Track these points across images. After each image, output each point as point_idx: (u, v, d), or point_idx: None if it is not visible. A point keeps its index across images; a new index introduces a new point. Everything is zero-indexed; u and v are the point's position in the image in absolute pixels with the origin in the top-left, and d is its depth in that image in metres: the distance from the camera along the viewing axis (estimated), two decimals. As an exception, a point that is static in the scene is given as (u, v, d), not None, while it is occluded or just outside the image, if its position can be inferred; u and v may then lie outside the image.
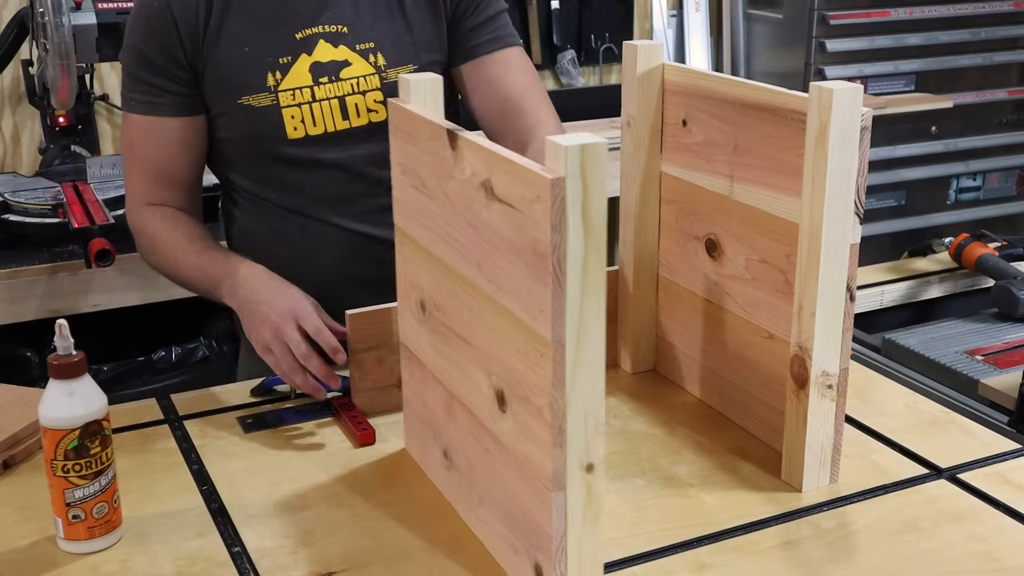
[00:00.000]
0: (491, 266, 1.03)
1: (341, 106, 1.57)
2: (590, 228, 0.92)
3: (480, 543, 1.15)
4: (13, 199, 2.40)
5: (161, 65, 1.55)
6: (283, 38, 1.55)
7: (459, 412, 1.16)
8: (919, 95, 3.46)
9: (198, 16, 1.53)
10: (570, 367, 0.93)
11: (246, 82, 1.55)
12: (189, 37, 1.53)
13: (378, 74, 1.58)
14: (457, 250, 1.10)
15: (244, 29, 1.54)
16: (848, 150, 1.13)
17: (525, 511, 1.03)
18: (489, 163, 1.00)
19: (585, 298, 0.93)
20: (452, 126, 1.08)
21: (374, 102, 1.58)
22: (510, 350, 1.01)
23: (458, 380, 1.15)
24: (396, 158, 1.24)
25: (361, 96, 1.57)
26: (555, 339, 0.93)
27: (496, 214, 1.00)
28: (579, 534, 0.99)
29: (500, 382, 1.04)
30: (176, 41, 1.53)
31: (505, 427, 1.05)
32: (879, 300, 2.05)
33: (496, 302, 1.03)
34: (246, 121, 1.56)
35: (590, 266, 0.92)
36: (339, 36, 1.57)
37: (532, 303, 0.95)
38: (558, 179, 0.89)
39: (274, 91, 1.55)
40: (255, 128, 1.56)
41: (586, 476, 0.98)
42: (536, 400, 0.97)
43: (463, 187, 1.06)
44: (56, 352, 1.11)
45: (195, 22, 1.53)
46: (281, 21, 1.55)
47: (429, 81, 1.20)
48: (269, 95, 1.55)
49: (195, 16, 1.53)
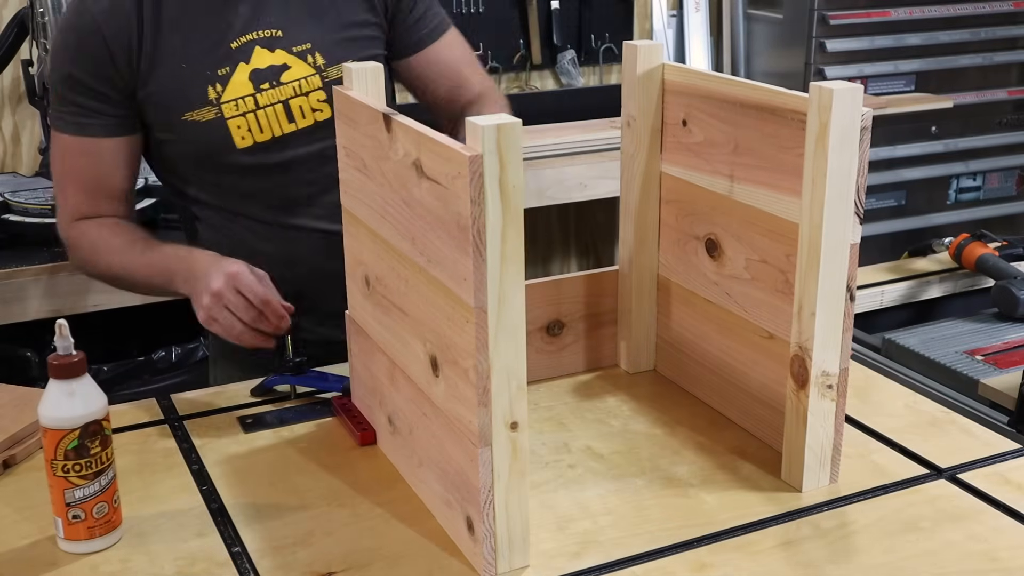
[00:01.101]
0: (423, 240, 1.10)
1: (286, 110, 1.57)
2: (507, 201, 0.99)
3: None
4: (13, 199, 2.40)
5: (93, 88, 1.52)
6: (219, 49, 1.54)
7: (400, 379, 1.24)
8: (919, 95, 3.46)
9: (131, 38, 1.50)
10: (492, 331, 1.01)
11: (188, 98, 1.53)
12: (124, 60, 1.51)
13: (318, 73, 1.58)
14: (394, 226, 1.18)
15: (178, 45, 1.52)
16: (848, 150, 1.13)
17: (458, 468, 1.10)
18: (418, 143, 1.08)
19: (504, 266, 1.00)
20: (388, 110, 1.16)
21: (317, 101, 1.58)
22: (441, 318, 1.09)
23: (398, 349, 1.23)
24: (341, 142, 1.31)
25: (304, 97, 1.58)
26: (477, 305, 1.00)
27: (425, 191, 1.08)
28: (505, 487, 1.07)
29: (433, 348, 1.12)
30: (109, 64, 1.50)
31: (439, 390, 1.12)
32: (879, 300, 2.05)
33: (428, 273, 1.10)
34: (193, 137, 1.55)
35: (508, 237, 1.00)
36: (274, 40, 1.57)
37: (457, 272, 1.03)
38: (476, 156, 0.96)
39: (216, 104, 1.54)
40: (203, 142, 1.56)
41: (511, 433, 1.05)
42: (463, 363, 1.05)
43: (397, 167, 1.14)
44: (56, 352, 1.11)
45: (128, 44, 1.50)
46: (215, 32, 1.54)
47: (371, 69, 1.28)
48: (212, 108, 1.54)
49: (127, 38, 1.50)
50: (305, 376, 1.47)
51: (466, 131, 0.98)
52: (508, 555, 1.09)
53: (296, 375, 1.47)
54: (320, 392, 1.48)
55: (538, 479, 1.27)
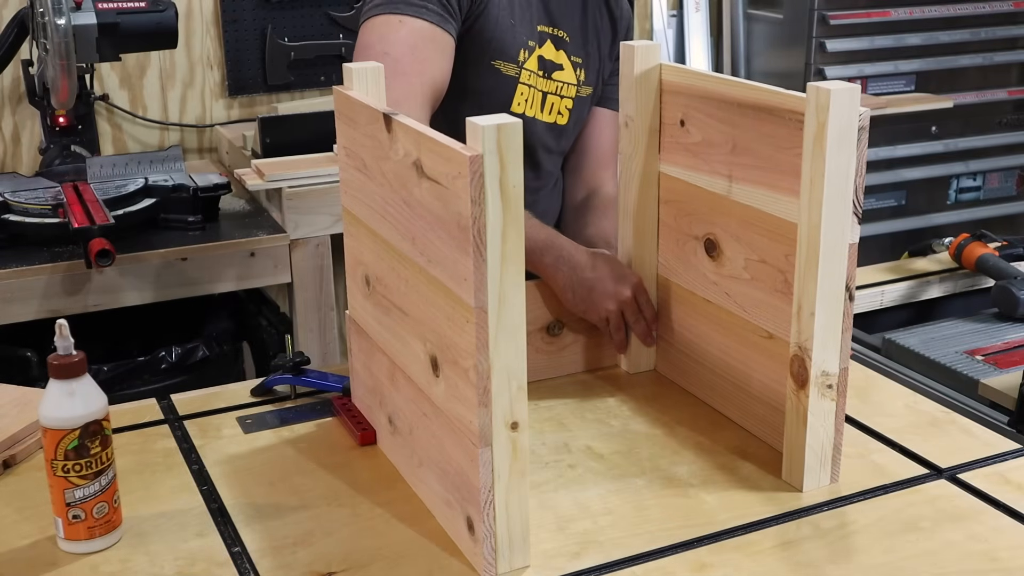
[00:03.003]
0: (423, 240, 1.11)
1: (543, 99, 1.70)
2: (508, 201, 0.99)
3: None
4: (13, 199, 2.39)
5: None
6: (533, 25, 1.68)
7: (400, 379, 1.24)
8: (919, 95, 3.46)
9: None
10: (492, 331, 1.01)
11: (504, 49, 1.64)
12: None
13: (576, 86, 1.74)
14: (394, 226, 1.18)
15: (505, 4, 1.63)
16: (846, 150, 1.13)
17: (458, 468, 1.11)
18: (419, 144, 1.08)
19: (505, 266, 1.00)
20: (388, 110, 1.15)
21: (564, 108, 1.73)
22: (441, 318, 1.09)
23: (398, 349, 1.23)
24: (341, 142, 1.31)
25: (558, 99, 1.72)
26: (478, 305, 1.00)
27: (426, 191, 1.08)
28: (506, 487, 1.07)
29: (433, 348, 1.12)
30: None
31: (439, 390, 1.13)
32: (879, 300, 2.05)
33: (428, 273, 1.11)
34: (491, 84, 1.63)
35: (508, 236, 1.00)
36: (561, 41, 1.72)
37: (457, 272, 1.03)
38: (476, 156, 0.97)
39: (519, 65, 1.66)
40: (492, 90, 1.64)
41: (511, 433, 1.05)
42: (463, 363, 1.05)
43: (398, 167, 1.14)
44: (56, 352, 1.11)
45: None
46: (530, 11, 1.68)
47: (371, 70, 1.28)
48: (516, 67, 1.66)
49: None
50: (305, 376, 1.47)
51: (466, 131, 0.99)
52: (508, 555, 1.09)
53: (296, 375, 1.47)
54: (320, 392, 1.48)
55: (538, 479, 1.27)
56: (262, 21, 2.94)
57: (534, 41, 1.67)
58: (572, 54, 1.72)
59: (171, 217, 2.44)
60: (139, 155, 2.66)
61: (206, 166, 2.88)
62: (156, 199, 2.44)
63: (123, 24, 2.39)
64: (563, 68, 1.71)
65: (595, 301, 1.48)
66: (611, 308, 1.48)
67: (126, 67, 2.86)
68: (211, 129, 2.98)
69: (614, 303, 1.48)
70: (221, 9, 2.92)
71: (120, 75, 2.87)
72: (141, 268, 2.29)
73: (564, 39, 1.71)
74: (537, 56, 1.68)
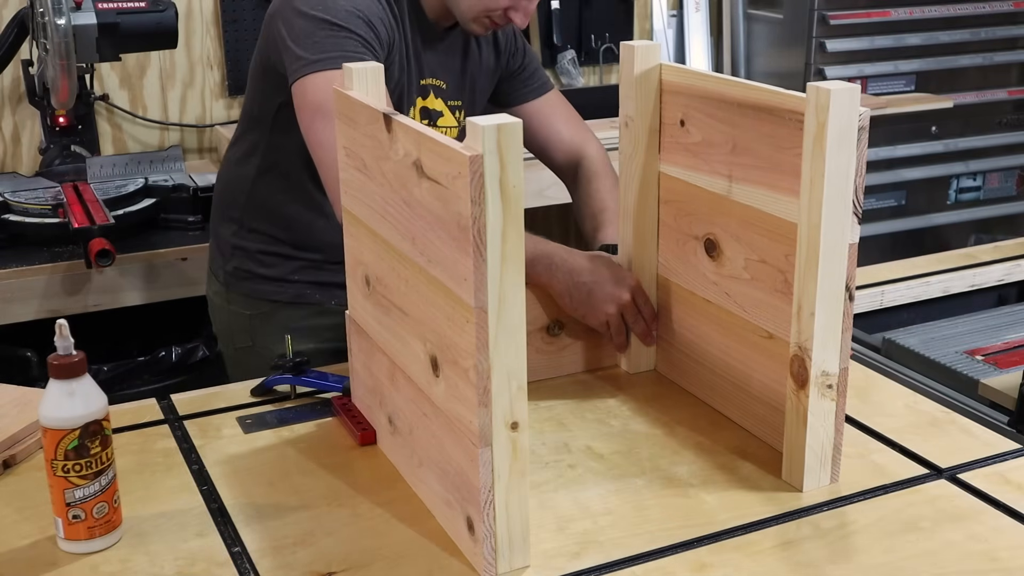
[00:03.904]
0: (423, 240, 1.11)
1: None
2: (508, 201, 0.99)
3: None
4: (13, 199, 2.40)
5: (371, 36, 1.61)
6: (418, 79, 1.76)
7: (400, 380, 1.24)
8: (919, 95, 3.46)
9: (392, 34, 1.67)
10: (492, 331, 1.01)
11: (401, 106, 1.71)
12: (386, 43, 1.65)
13: (458, 127, 1.81)
14: (394, 226, 1.18)
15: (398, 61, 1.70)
16: (846, 150, 1.13)
17: (458, 468, 1.11)
18: (419, 143, 1.08)
19: (505, 266, 1.00)
20: (388, 110, 1.15)
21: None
22: (441, 318, 1.09)
23: (398, 349, 1.23)
24: (341, 142, 1.31)
25: None
26: (478, 305, 1.00)
27: (426, 191, 1.08)
28: (506, 487, 1.07)
29: (433, 348, 1.12)
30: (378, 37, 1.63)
31: (439, 390, 1.12)
32: (879, 300, 2.04)
33: (428, 273, 1.11)
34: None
35: (508, 236, 1.00)
36: (439, 90, 1.79)
37: (457, 272, 1.03)
38: (476, 156, 0.97)
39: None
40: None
41: (511, 433, 1.05)
42: (463, 363, 1.05)
43: (398, 167, 1.14)
44: (56, 352, 1.11)
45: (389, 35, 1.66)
46: (417, 65, 1.75)
47: (371, 69, 1.28)
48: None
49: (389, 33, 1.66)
50: (305, 376, 1.47)
51: (466, 131, 0.99)
52: (508, 555, 1.09)
53: (296, 375, 1.47)
54: (320, 392, 1.48)
55: (538, 479, 1.27)
56: (262, 21, 2.94)
57: (417, 95, 1.76)
58: (450, 99, 1.81)
59: (171, 217, 2.44)
60: (139, 155, 2.66)
61: (206, 166, 2.88)
62: (156, 199, 2.45)
63: (123, 24, 2.39)
64: (443, 115, 1.81)
65: (594, 305, 1.49)
66: (610, 311, 1.49)
67: (126, 67, 2.86)
68: (211, 129, 2.98)
69: (613, 306, 1.49)
70: (221, 9, 2.92)
71: (120, 75, 2.88)
72: (141, 268, 2.29)
73: (442, 87, 1.80)
74: (420, 108, 1.77)
